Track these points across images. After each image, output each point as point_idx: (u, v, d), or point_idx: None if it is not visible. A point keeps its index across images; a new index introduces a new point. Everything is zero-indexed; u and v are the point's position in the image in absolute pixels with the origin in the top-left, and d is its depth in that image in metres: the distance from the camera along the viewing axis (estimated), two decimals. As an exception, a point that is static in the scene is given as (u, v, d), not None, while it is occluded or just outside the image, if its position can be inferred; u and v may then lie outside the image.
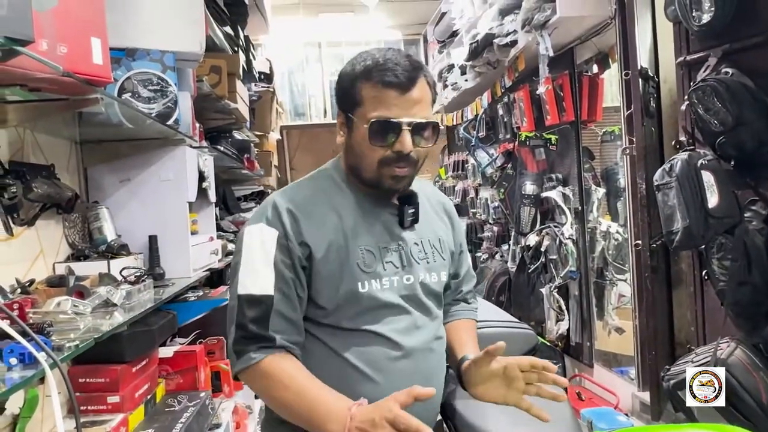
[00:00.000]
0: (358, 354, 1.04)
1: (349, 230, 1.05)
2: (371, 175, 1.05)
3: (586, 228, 3.23)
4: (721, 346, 1.91)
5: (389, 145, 1.00)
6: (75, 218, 1.64)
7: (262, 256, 1.01)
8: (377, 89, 1.00)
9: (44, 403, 1.42)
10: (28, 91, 0.97)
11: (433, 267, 1.13)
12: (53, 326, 0.98)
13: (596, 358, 3.25)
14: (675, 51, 2.21)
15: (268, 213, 1.04)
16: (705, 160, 1.97)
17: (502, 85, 3.55)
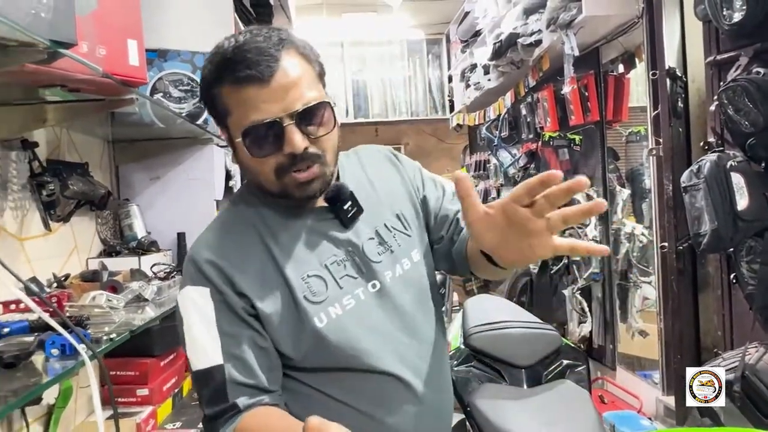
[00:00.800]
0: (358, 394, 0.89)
1: (283, 261, 0.87)
2: (276, 189, 0.86)
3: (610, 229, 3.20)
4: (749, 350, 1.88)
5: (276, 150, 0.82)
6: (107, 215, 1.69)
7: (200, 322, 0.84)
8: (235, 90, 0.81)
9: (77, 395, 1.46)
10: (68, 92, 1.00)
11: (400, 252, 0.94)
12: (90, 319, 1.01)
13: (619, 361, 3.21)
14: (704, 50, 2.18)
15: (191, 271, 0.86)
16: (734, 162, 1.94)
17: (525, 84, 3.53)
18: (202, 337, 0.83)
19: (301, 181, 0.84)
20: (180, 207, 1.82)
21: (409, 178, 1.02)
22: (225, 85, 0.82)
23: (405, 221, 0.97)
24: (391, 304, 0.91)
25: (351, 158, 1.01)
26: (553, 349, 1.48)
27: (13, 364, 0.79)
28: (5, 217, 1.24)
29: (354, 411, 0.87)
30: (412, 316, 0.92)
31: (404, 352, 0.90)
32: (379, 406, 0.88)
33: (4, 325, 0.85)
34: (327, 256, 0.89)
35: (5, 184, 1.20)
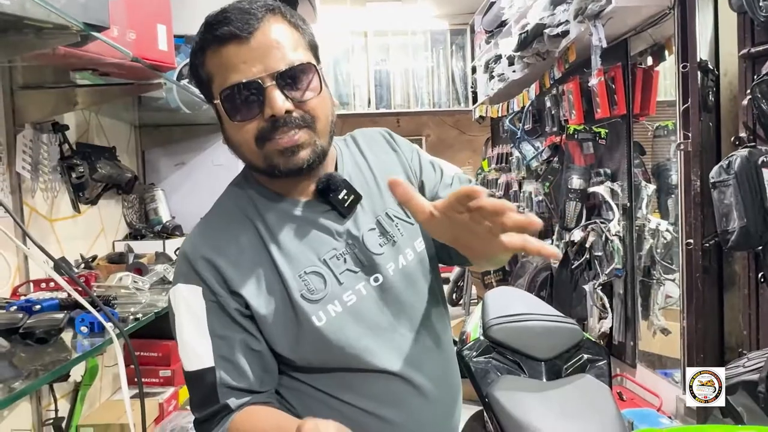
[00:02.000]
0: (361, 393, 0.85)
1: (279, 258, 0.83)
2: (260, 163, 0.80)
3: (634, 225, 3.15)
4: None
5: (256, 114, 0.76)
6: (133, 199, 1.72)
7: (192, 322, 0.81)
8: (216, 53, 0.76)
9: (102, 373, 1.50)
10: (98, 76, 1.02)
11: (403, 243, 0.89)
12: (117, 299, 1.03)
13: (639, 358, 3.17)
14: (738, 43, 2.12)
15: (183, 268, 0.83)
16: (766, 158, 1.90)
17: (551, 76, 3.48)
18: (192, 338, 0.80)
19: (283, 147, 0.77)
20: (204, 192, 1.82)
21: (407, 160, 0.97)
22: (207, 51, 0.78)
23: (410, 217, 0.91)
24: (394, 298, 0.87)
25: (349, 143, 0.97)
26: (573, 343, 1.46)
27: (44, 339, 0.81)
28: (36, 198, 1.26)
29: (358, 410, 0.85)
30: (415, 310, 0.89)
31: (407, 348, 0.87)
32: (383, 405, 0.85)
33: (36, 302, 0.87)
34: (326, 250, 0.84)
35: (36, 166, 1.23)
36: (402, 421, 0.85)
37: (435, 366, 0.90)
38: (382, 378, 0.84)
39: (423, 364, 0.88)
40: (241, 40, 0.75)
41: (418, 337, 0.88)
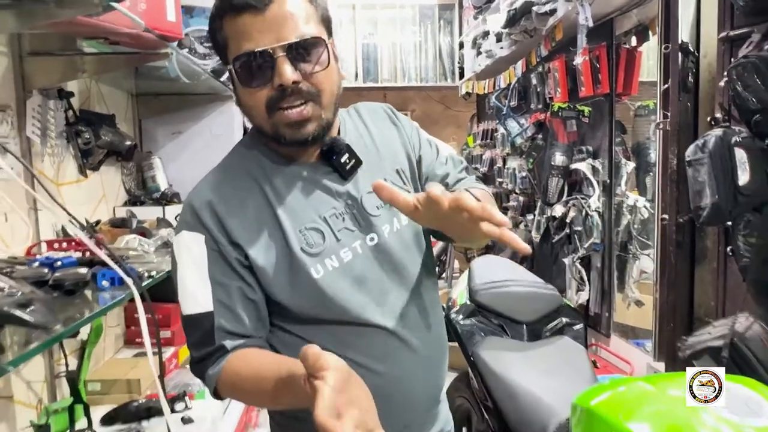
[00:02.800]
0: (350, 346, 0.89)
1: (281, 213, 0.87)
2: (268, 128, 0.85)
3: (613, 201, 3.26)
4: (739, 320, 1.97)
5: (268, 83, 0.81)
6: (131, 166, 1.76)
7: (193, 268, 0.85)
8: (232, 20, 0.81)
9: (106, 333, 1.56)
10: (109, 44, 1.05)
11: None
12: (128, 259, 1.09)
13: (614, 329, 3.32)
14: (718, 26, 2.19)
15: (186, 217, 0.87)
16: (739, 138, 1.98)
17: (537, 54, 3.54)
18: (193, 283, 0.84)
19: (291, 120, 0.82)
20: (200, 161, 1.86)
21: (407, 135, 1.02)
22: (225, 17, 0.82)
23: (404, 177, 0.98)
24: (388, 257, 0.92)
25: (352, 114, 1.01)
26: (553, 308, 1.57)
27: (72, 291, 0.87)
28: (44, 163, 1.30)
29: (350, 363, 0.82)
30: (407, 271, 0.94)
31: (399, 306, 0.92)
32: (374, 359, 0.89)
33: (56, 259, 0.93)
34: (326, 208, 0.89)
35: (45, 131, 1.27)
36: (391, 374, 0.90)
37: (424, 325, 0.95)
38: (373, 332, 0.89)
39: (413, 322, 0.93)
40: (257, 10, 0.79)
41: (409, 297, 0.93)
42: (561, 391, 1.20)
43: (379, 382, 0.87)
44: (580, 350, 1.47)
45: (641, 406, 0.85)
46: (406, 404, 0.92)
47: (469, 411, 1.70)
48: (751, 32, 1.97)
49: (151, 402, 1.37)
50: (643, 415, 0.83)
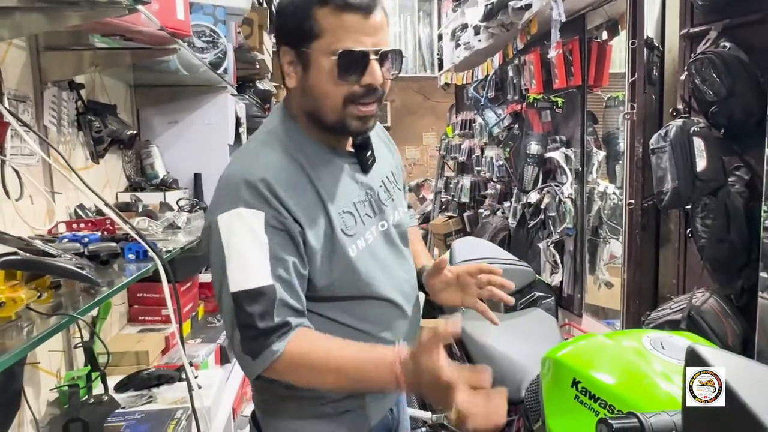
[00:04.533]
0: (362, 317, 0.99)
1: (325, 194, 0.94)
2: (335, 118, 0.92)
3: (584, 188, 3.42)
4: (696, 295, 2.14)
5: (356, 79, 0.89)
6: (131, 154, 1.85)
7: (251, 244, 0.87)
8: (337, 15, 0.87)
9: (112, 311, 1.66)
10: (124, 40, 1.15)
11: (397, 203, 1.09)
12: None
13: (585, 309, 3.50)
14: (680, 23, 2.35)
15: (243, 194, 0.88)
16: (697, 127, 2.13)
17: (514, 47, 3.67)
18: (253, 257, 0.86)
19: (363, 114, 0.92)
20: (196, 150, 1.98)
21: (398, 162, 1.18)
22: (327, 7, 0.87)
23: (398, 179, 1.13)
24: (392, 241, 1.05)
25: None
26: (527, 283, 1.71)
27: (107, 261, 0.98)
28: (60, 150, 1.40)
29: (358, 332, 0.98)
30: (403, 253, 1.09)
31: (400, 281, 1.05)
32: (381, 327, 1.01)
33: (83, 236, 1.04)
34: (355, 195, 0.99)
35: (60, 121, 1.36)
36: (393, 340, 1.01)
37: (413, 295, 1.11)
38: (383, 305, 1.01)
39: (407, 293, 1.08)
40: (366, 14, 0.87)
41: (404, 273, 1.08)
42: (533, 354, 1.34)
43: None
44: (551, 320, 1.62)
45: (600, 355, 1.00)
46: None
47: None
48: (709, 30, 2.13)
49: (161, 371, 1.48)
50: (601, 362, 0.97)
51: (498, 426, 0.78)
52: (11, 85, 1.21)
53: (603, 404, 0.90)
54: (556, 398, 1.02)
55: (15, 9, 0.91)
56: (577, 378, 0.96)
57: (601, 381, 0.92)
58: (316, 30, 0.88)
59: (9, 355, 0.58)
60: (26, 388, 1.18)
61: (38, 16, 0.92)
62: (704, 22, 2.19)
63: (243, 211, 0.87)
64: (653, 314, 2.30)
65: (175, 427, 1.26)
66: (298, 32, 0.90)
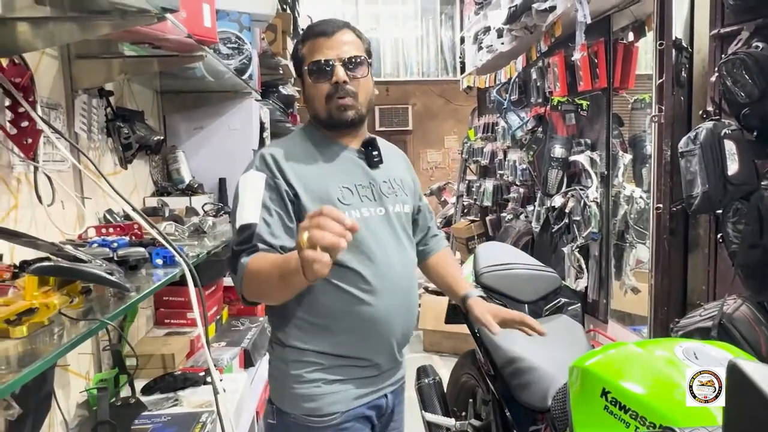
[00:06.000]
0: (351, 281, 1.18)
1: (327, 172, 1.22)
2: (324, 113, 1.22)
3: (610, 192, 3.37)
4: (728, 302, 2.09)
5: (328, 80, 1.19)
6: (158, 159, 1.87)
7: (252, 194, 1.16)
8: (311, 42, 1.21)
9: (139, 314, 1.68)
10: (152, 48, 1.17)
11: (401, 199, 1.31)
12: (171, 242, 1.21)
13: (611, 315, 3.44)
14: (710, 23, 2.30)
15: (256, 162, 1.21)
16: (729, 130, 2.08)
17: (537, 49, 3.64)
18: (249, 204, 1.14)
19: (339, 105, 1.20)
20: (221, 155, 2.00)
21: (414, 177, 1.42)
22: (306, 42, 1.23)
23: (407, 188, 1.34)
24: (390, 225, 1.26)
25: (385, 144, 1.38)
26: (553, 289, 1.69)
27: (136, 266, 1.00)
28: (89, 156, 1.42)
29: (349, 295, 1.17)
30: (401, 238, 1.28)
31: (393, 258, 1.24)
32: (369, 293, 1.19)
33: (111, 241, 1.05)
34: (356, 178, 1.24)
35: (90, 127, 1.39)
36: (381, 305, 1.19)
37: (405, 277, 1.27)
38: (374, 270, 1.19)
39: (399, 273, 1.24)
40: (327, 36, 1.21)
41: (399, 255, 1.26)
42: (559, 361, 1.32)
43: (371, 311, 1.19)
44: (578, 327, 1.59)
45: (631, 365, 0.97)
46: (387, 331, 1.22)
47: (474, 386, 1.83)
48: (740, 30, 2.08)
49: (187, 374, 1.49)
50: (631, 372, 0.95)
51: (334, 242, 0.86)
52: (44, 93, 1.24)
53: (634, 415, 0.88)
54: (585, 408, 1.00)
55: (49, 19, 0.93)
56: (606, 388, 0.94)
57: (631, 391, 0.90)
58: (301, 56, 1.24)
59: (42, 360, 0.59)
60: (56, 390, 1.20)
61: (71, 25, 0.93)
62: (735, 22, 2.13)
63: (253, 173, 1.19)
64: (682, 321, 2.25)
65: (200, 430, 1.27)
66: (296, 63, 1.28)
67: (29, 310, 0.66)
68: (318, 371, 1.19)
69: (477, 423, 1.61)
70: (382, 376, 1.26)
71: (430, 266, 1.49)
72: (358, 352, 1.21)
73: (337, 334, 1.19)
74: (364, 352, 1.21)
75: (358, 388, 1.22)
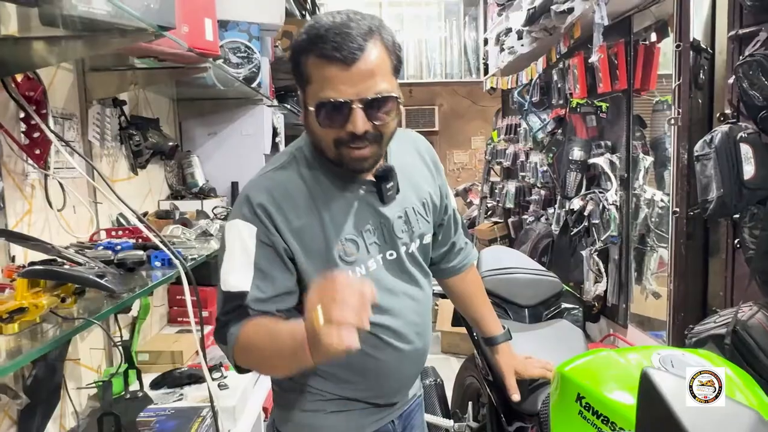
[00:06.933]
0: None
1: (328, 220, 0.99)
2: (333, 156, 0.96)
3: (631, 195, 3.32)
4: (743, 309, 2.04)
5: (340, 126, 0.92)
6: (173, 164, 1.96)
7: (241, 253, 0.95)
8: (320, 65, 0.89)
9: (152, 312, 1.77)
10: (157, 61, 1.24)
11: (418, 234, 1.10)
12: (174, 245, 1.28)
13: (631, 319, 3.39)
14: (728, 24, 2.26)
15: (243, 209, 0.97)
16: (745, 133, 2.04)
17: (557, 51, 3.62)
18: (240, 266, 0.94)
19: (354, 157, 0.94)
20: (233, 159, 2.07)
21: (441, 181, 1.18)
22: (311, 57, 0.89)
23: (428, 209, 1.12)
24: (401, 268, 1.08)
25: (403, 141, 1.11)
26: (553, 293, 1.69)
27: (133, 268, 1.06)
28: (102, 162, 1.51)
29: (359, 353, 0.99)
30: (413, 280, 1.10)
31: (403, 307, 1.07)
32: (375, 348, 1.04)
33: (116, 244, 1.12)
34: (364, 223, 1.01)
35: (103, 135, 1.47)
36: (388, 360, 1.06)
37: (419, 321, 1.11)
38: (378, 329, 1.03)
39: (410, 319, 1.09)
40: (345, 66, 0.88)
41: (411, 300, 1.10)
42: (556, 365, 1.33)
43: (378, 365, 1.06)
44: (577, 331, 1.59)
45: (607, 371, 0.98)
46: (397, 380, 1.12)
47: (477, 389, 1.85)
48: (758, 31, 2.04)
49: (192, 370, 1.57)
50: (607, 378, 0.96)
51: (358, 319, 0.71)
52: (59, 104, 1.32)
53: (605, 421, 0.89)
54: (562, 413, 1.01)
55: (61, 38, 1.01)
56: (581, 393, 0.95)
57: (605, 397, 0.91)
58: (305, 76, 0.92)
59: (23, 356, 0.65)
60: (69, 383, 1.28)
61: (80, 42, 1.01)
62: (754, 23, 2.09)
63: (240, 224, 0.96)
64: (697, 328, 2.21)
65: (200, 424, 1.33)
66: (297, 75, 0.95)
67: (20, 309, 0.73)
68: (320, 401, 1.08)
69: (474, 425, 1.63)
70: (389, 407, 1.15)
71: (454, 292, 1.32)
72: (366, 397, 1.10)
73: (341, 383, 1.07)
74: (371, 397, 1.10)
75: (361, 419, 1.10)
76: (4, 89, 1.08)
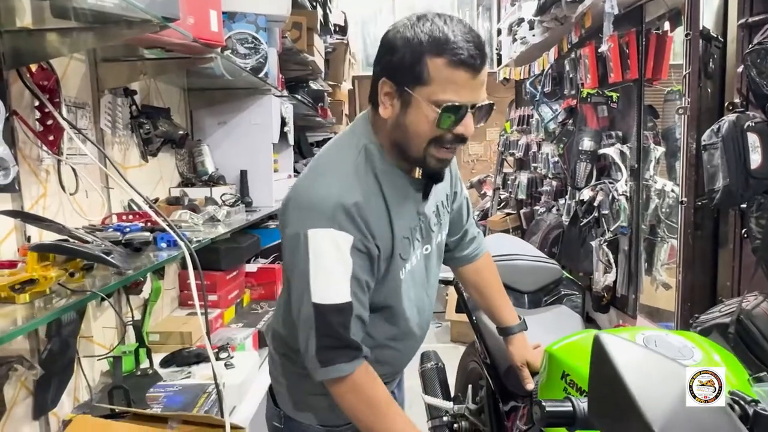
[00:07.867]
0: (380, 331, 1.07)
1: (395, 221, 1.01)
2: (417, 155, 0.98)
3: (641, 185, 3.31)
4: (747, 298, 2.04)
5: (449, 128, 0.94)
6: (183, 152, 2.02)
7: (338, 264, 0.94)
8: (450, 69, 0.90)
9: (164, 294, 1.83)
10: (164, 51, 1.29)
11: (443, 227, 1.16)
12: (181, 229, 1.34)
13: (640, 310, 3.39)
14: (738, 12, 2.24)
15: (338, 217, 0.94)
16: (752, 122, 2.03)
17: (569, 41, 3.60)
18: (338, 275, 0.94)
19: (443, 157, 0.98)
20: (242, 148, 2.13)
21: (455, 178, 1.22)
22: (441, 59, 0.90)
23: (449, 200, 1.18)
24: (431, 262, 1.13)
25: None
26: (553, 280, 1.72)
27: (140, 249, 1.12)
28: (114, 150, 1.57)
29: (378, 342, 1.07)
30: (434, 273, 1.16)
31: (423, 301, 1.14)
32: (395, 340, 1.10)
33: (126, 226, 1.18)
34: (414, 221, 1.05)
35: (114, 124, 1.53)
36: (404, 349, 1.14)
37: (429, 312, 1.19)
38: (402, 321, 1.09)
39: (426, 312, 1.16)
40: (474, 72, 0.91)
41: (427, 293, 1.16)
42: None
43: (401, 354, 1.14)
44: (576, 317, 1.62)
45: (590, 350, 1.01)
46: (408, 360, 1.20)
47: (479, 373, 1.88)
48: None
49: (200, 350, 1.63)
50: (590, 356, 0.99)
51: None
52: (72, 93, 1.38)
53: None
54: (549, 391, 1.05)
55: (72, 29, 1.07)
56: (566, 371, 0.98)
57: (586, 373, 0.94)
58: (425, 77, 0.91)
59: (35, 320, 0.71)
60: (82, 359, 1.35)
61: (90, 34, 1.06)
62: (764, 10, 2.07)
63: (335, 233, 0.94)
64: (702, 317, 2.21)
65: (205, 399, 1.39)
66: (406, 73, 0.93)
67: (31, 281, 0.79)
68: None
69: (473, 407, 1.66)
70: (391, 383, 1.20)
71: (469, 281, 1.35)
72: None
73: None
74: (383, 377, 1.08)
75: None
76: (19, 79, 1.14)
